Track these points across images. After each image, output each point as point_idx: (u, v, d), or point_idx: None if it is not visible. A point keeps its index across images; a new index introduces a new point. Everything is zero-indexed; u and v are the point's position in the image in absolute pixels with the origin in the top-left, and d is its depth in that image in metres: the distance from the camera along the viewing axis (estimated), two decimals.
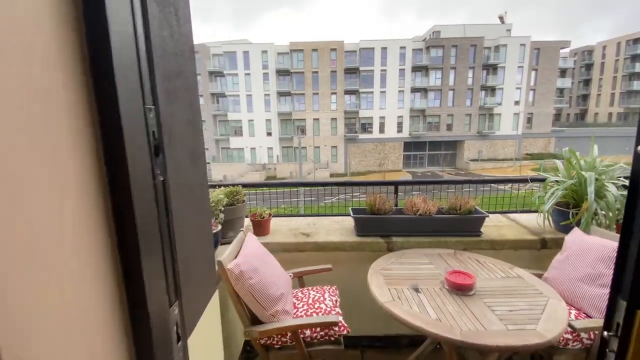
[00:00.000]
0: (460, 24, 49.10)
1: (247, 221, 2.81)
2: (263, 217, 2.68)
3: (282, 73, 45.50)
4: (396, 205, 2.84)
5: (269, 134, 47.16)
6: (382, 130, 47.02)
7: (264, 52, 44.88)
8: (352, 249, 2.54)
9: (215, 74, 46.23)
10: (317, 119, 46.22)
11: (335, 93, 45.49)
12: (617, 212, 2.27)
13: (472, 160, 46.28)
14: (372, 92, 46.00)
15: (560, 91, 51.02)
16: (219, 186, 2.61)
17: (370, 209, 2.61)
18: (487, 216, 2.58)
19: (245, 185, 2.77)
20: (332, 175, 45.02)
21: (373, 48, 44.71)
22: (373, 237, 2.59)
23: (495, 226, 2.82)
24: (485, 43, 44.57)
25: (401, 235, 2.58)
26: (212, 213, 2.28)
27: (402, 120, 46.89)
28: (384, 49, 44.57)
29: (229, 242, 2.13)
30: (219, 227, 2.31)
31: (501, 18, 52.49)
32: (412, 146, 48.34)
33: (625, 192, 2.40)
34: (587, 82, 61.20)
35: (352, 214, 2.62)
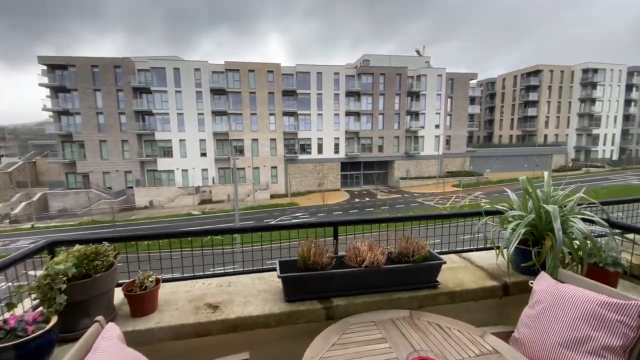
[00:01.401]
0: (387, 55, 53.50)
1: (120, 294, 1.90)
2: (145, 288, 1.83)
3: (217, 92, 43.75)
4: (336, 253, 2.24)
5: (204, 154, 44.36)
6: (320, 150, 47.78)
7: (197, 69, 42.83)
8: (280, 323, 1.84)
9: (141, 91, 42.45)
10: (256, 140, 45.10)
11: (273, 114, 45.14)
12: (589, 254, 1.99)
13: (401, 178, 49.50)
14: (309, 114, 46.75)
15: (471, 116, 58.14)
16: (68, 245, 1.70)
17: (303, 263, 1.96)
18: (444, 262, 2.12)
19: (116, 240, 1.90)
20: (272, 197, 43.80)
21: (309, 72, 45.87)
22: (308, 301, 1.93)
23: (450, 269, 2.39)
24: (408, 73, 49.14)
25: (344, 295, 1.97)
26: (43, 295, 1.40)
27: (339, 142, 48.34)
28: (319, 73, 46.06)
29: (77, 339, 1.27)
30: (53, 319, 1.42)
31: (418, 52, 58.83)
32: (348, 166, 49.94)
33: (593, 228, 2.18)
34: (491, 109, 71.08)
35: (278, 271, 1.93)
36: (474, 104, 57.87)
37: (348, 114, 47.94)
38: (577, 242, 2.09)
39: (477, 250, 2.71)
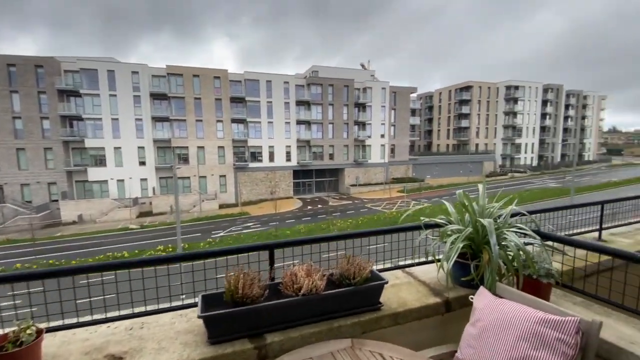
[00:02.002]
0: (334, 67, 55.20)
1: None
2: (21, 344, 1.41)
3: (158, 97, 40.96)
4: (272, 280, 2.00)
5: (143, 162, 40.98)
6: (272, 159, 47.14)
7: (135, 72, 39.74)
8: None
9: (68, 94, 38.06)
10: (202, 147, 42.93)
11: (221, 121, 43.49)
12: (523, 266, 2.01)
13: (352, 185, 50.90)
14: (259, 122, 45.98)
15: (413, 127, 62.23)
16: None
17: (230, 297, 1.69)
18: (386, 282, 2.01)
19: None
20: (221, 207, 41.85)
21: (258, 80, 45.25)
22: (237, 341, 1.66)
23: (393, 287, 2.30)
24: (355, 85, 51.15)
25: (280, 329, 1.74)
26: None
27: (290, 150, 48.19)
28: (269, 82, 45.70)
29: None
30: None
31: (363, 65, 61.60)
32: (300, 174, 49.97)
33: (527, 240, 2.24)
34: (430, 120, 76.82)
35: (199, 310, 1.63)
36: (414, 115, 62.13)
37: (299, 122, 48.15)
38: (511, 253, 2.13)
39: (420, 264, 2.68)
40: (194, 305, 1.93)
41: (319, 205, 42.71)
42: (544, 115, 71.08)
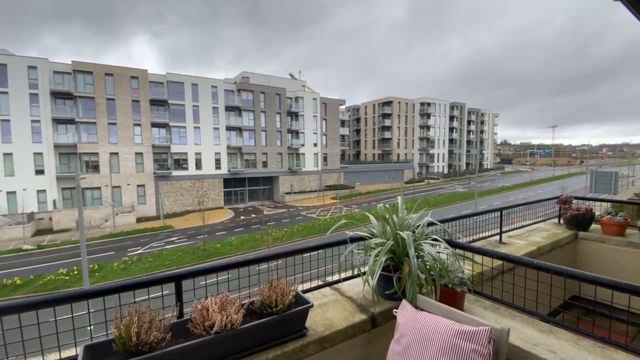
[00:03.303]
0: (266, 75, 54.83)
1: None
2: None
3: (61, 96, 35.43)
4: (180, 316, 1.74)
5: (40, 171, 34.77)
6: (199, 166, 44.26)
7: (32, 67, 33.84)
8: None
9: None
10: (116, 153, 38.27)
11: (139, 124, 39.45)
12: (440, 276, 2.12)
13: (286, 193, 50.75)
14: (184, 127, 42.93)
15: (343, 137, 65.25)
16: None
17: (122, 346, 1.40)
18: (311, 305, 1.92)
19: None
20: (139, 220, 37.67)
21: (183, 83, 42.44)
22: None
23: (320, 306, 2.23)
24: (287, 94, 51.55)
25: None
26: None
27: (220, 157, 45.98)
28: (195, 85, 43.20)
29: None
30: None
31: (292, 75, 62.68)
32: (232, 182, 47.96)
33: (440, 250, 2.37)
34: (358, 131, 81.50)
35: None
36: (344, 126, 65.17)
37: (229, 128, 46.35)
38: (428, 263, 2.24)
39: (346, 279, 2.67)
40: (74, 358, 1.57)
41: (253, 215, 41.46)
42: (451, 129, 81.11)
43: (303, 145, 53.43)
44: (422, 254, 2.21)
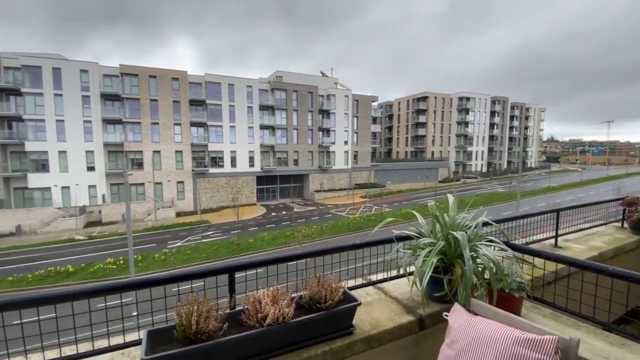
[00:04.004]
0: (299, 73, 55.30)
1: None
2: None
3: (110, 98, 38.17)
4: (233, 308, 1.78)
5: (92, 168, 37.77)
6: (234, 164, 45.78)
7: (84, 71, 36.75)
8: None
9: (7, 92, 34.15)
10: (158, 152, 40.57)
11: (179, 124, 41.50)
12: (498, 281, 1.98)
13: (316, 191, 51.03)
14: (221, 126, 44.55)
15: (374, 134, 64.22)
16: None
17: (182, 333, 1.45)
18: (359, 303, 1.88)
19: None
20: (178, 215, 39.72)
21: (220, 83, 43.97)
22: None
23: (365, 305, 2.18)
24: (319, 92, 51.65)
25: None
26: None
27: (254, 155, 47.23)
28: (231, 85, 44.60)
29: None
30: None
31: (323, 73, 62.54)
32: (264, 180, 49.09)
33: (501, 253, 2.22)
34: (390, 128, 79.79)
35: (143, 352, 1.37)
36: (376, 123, 64.03)
37: (263, 127, 47.43)
38: (482, 266, 2.11)
39: (391, 279, 2.59)
40: (138, 342, 1.65)
41: (284, 212, 42.18)
42: (492, 125, 76.88)
43: (334, 143, 53.37)
44: (476, 255, 2.08)
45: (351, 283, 2.51)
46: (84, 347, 1.60)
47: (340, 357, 1.75)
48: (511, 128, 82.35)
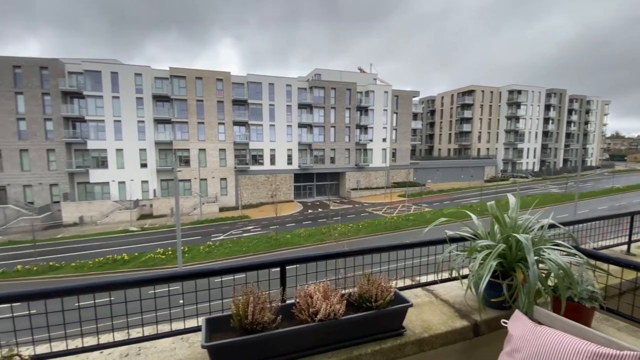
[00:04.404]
0: (337, 70, 55.11)
1: None
2: None
3: (160, 99, 40.97)
4: (284, 301, 1.81)
5: (144, 165, 40.90)
6: (273, 162, 47.04)
7: (138, 74, 39.78)
8: None
9: (72, 95, 38.11)
10: (204, 150, 42.85)
11: (223, 123, 43.45)
12: (567, 288, 1.81)
13: (352, 189, 50.69)
14: (261, 125, 45.93)
15: (414, 131, 62.10)
16: None
17: (238, 322, 1.50)
18: (411, 305, 1.81)
19: None
20: (221, 209, 41.69)
21: (261, 83, 45.27)
22: None
23: (415, 307, 2.10)
24: (358, 88, 51.09)
25: (293, 358, 1.55)
26: None
27: (292, 153, 48.10)
28: (271, 84, 45.71)
29: None
30: None
31: (360, 69, 61.57)
32: (301, 177, 49.81)
33: (568, 258, 2.04)
34: (431, 124, 76.74)
35: (204, 338, 1.44)
36: (416, 119, 61.89)
37: (301, 125, 48.10)
38: (545, 271, 1.94)
39: (442, 281, 2.48)
40: (196, 329, 1.74)
41: (320, 209, 42.49)
42: (546, 120, 70.90)
43: (371, 140, 52.58)
44: (540, 260, 1.92)
45: (399, 284, 2.44)
46: (148, 331, 1.73)
47: (390, 358, 1.70)
48: (569, 123, 75.32)
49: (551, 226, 2.28)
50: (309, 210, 42.09)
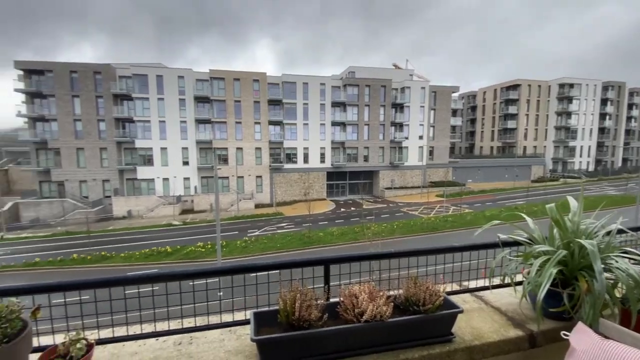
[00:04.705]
0: (372, 67, 54.20)
1: None
2: (72, 358, 1.34)
3: (201, 100, 42.99)
4: (327, 299, 1.80)
5: (186, 163, 43.22)
6: (306, 160, 47.53)
7: (181, 77, 42.05)
8: None
9: (122, 98, 41.21)
10: (241, 148, 44.36)
11: (259, 123, 44.64)
12: (638, 300, 1.63)
13: (386, 188, 49.73)
14: (295, 124, 46.58)
15: (453, 128, 59.39)
16: None
17: (285, 318, 1.52)
18: (461, 311, 1.73)
19: (41, 290, 1.42)
20: (257, 206, 42.94)
21: (295, 82, 45.86)
22: None
23: (464, 313, 2.00)
24: (393, 85, 49.93)
25: (338, 357, 1.54)
26: None
27: (325, 152, 48.26)
28: (306, 84, 46.12)
29: None
30: None
31: (395, 65, 59.84)
32: (334, 176, 49.80)
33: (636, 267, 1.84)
34: (472, 121, 73.00)
35: (252, 332, 1.47)
36: (456, 116, 59.18)
37: (334, 124, 48.07)
38: (612, 279, 1.75)
39: (493, 287, 2.33)
40: (244, 321, 1.79)
41: (352, 208, 42.25)
42: (602, 116, 64.68)
43: (407, 138, 51.19)
44: (607, 268, 1.73)
45: (445, 288, 2.34)
46: (199, 321, 1.81)
47: None
48: (629, 119, 68.14)
49: (622, 232, 2.05)
50: (342, 209, 42.00)
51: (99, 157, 40.95)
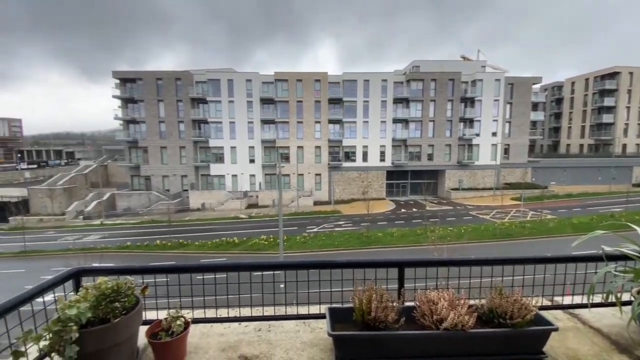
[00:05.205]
0: (439, 60, 51.12)
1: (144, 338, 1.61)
2: (173, 332, 1.52)
3: (266, 101, 45.37)
4: (402, 302, 1.76)
5: (252, 161, 46.13)
6: (365, 159, 47.01)
7: (249, 80, 44.87)
8: None
9: (198, 101, 45.58)
10: (301, 147, 45.76)
11: (319, 122, 45.50)
12: None
13: (453, 189, 46.59)
14: (355, 122, 46.33)
15: (534, 124, 53.07)
16: (95, 275, 1.45)
17: (360, 316, 1.53)
18: (556, 329, 1.54)
19: (148, 271, 1.64)
20: (315, 203, 43.91)
21: (356, 80, 45.58)
22: None
23: (556, 332, 1.79)
24: (463, 78, 46.39)
25: None
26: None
27: (385, 150, 47.13)
28: (367, 81, 45.52)
29: None
30: None
31: (464, 57, 55.26)
32: (394, 175, 48.35)
33: None
34: (557, 116, 64.46)
35: (329, 327, 1.51)
36: (537, 110, 52.72)
37: (395, 121, 46.59)
38: None
39: (592, 306, 2.04)
40: (318, 315, 1.85)
41: (414, 209, 40.55)
42: None
43: (478, 135, 47.14)
44: None
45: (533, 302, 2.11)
46: (279, 311, 1.92)
47: None
48: None
49: None
50: (402, 210, 40.63)
51: (179, 155, 45.90)
